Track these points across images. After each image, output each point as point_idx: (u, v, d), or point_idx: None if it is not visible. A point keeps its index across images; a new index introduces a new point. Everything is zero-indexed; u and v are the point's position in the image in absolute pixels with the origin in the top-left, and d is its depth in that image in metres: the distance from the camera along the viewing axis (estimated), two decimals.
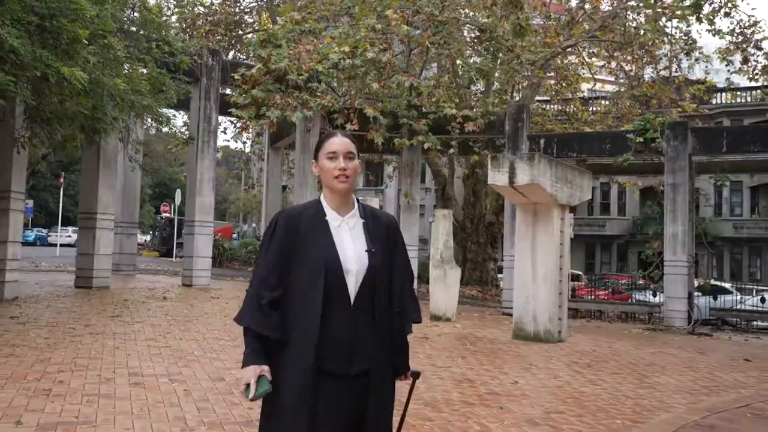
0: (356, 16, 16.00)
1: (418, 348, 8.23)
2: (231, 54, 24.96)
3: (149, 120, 13.29)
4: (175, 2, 21.37)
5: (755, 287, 24.65)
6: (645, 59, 19.53)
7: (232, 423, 4.53)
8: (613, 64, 22.08)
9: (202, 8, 23.19)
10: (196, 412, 4.77)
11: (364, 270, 2.20)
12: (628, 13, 16.81)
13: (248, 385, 2.07)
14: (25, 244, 21.54)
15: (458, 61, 16.07)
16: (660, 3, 18.51)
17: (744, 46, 17.61)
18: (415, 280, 11.93)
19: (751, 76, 17.44)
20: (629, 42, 17.53)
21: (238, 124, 15.41)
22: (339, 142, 2.27)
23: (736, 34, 17.88)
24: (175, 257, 27.69)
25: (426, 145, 15.38)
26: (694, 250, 17.78)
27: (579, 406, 5.75)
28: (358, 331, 2.17)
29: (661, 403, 6.08)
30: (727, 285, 23.59)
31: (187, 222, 15.36)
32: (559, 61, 21.63)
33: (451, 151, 16.70)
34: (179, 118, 28.91)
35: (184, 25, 22.30)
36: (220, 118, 17.73)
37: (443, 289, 11.43)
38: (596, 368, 7.67)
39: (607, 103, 26.84)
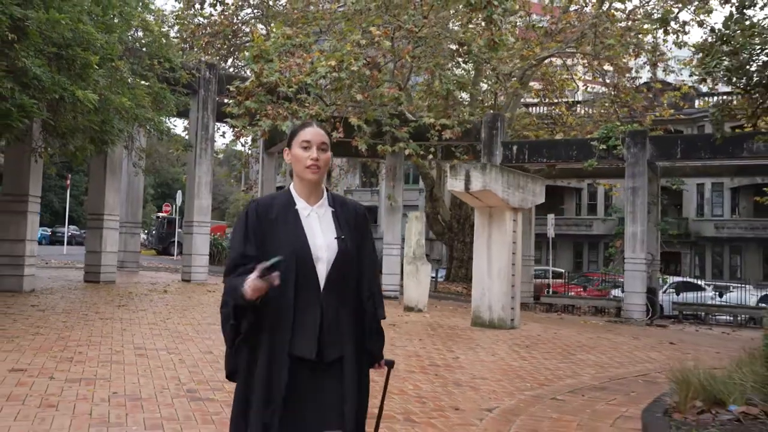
0: (343, 31, 17.24)
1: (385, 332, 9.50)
2: (230, 61, 26.29)
3: (151, 130, 14.51)
4: (175, 16, 22.75)
5: (730, 284, 25.97)
6: (615, 69, 20.75)
7: (216, 381, 5.81)
8: (591, 73, 23.34)
9: (202, 19, 24.55)
10: (188, 374, 6.06)
11: (334, 257, 2.23)
12: (597, 29, 18.02)
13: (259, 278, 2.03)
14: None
15: (436, 74, 17.34)
16: (628, 18, 19.79)
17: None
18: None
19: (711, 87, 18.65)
20: (597, 55, 18.79)
21: (233, 132, 16.68)
22: (313, 132, 2.30)
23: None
24: (176, 255, 28.99)
25: (407, 151, 16.65)
26: (659, 248, 19.05)
27: (502, 375, 7.04)
28: (329, 318, 2.20)
29: (574, 373, 7.37)
30: (701, 282, 24.91)
31: (186, 222, 16.67)
32: (544, 68, 22.90)
33: (430, 156, 17.95)
34: (180, 125, 30.27)
35: (185, 35, 23.65)
36: (221, 122, 18.99)
37: (415, 283, 12.72)
38: (532, 348, 8.96)
39: (589, 109, 28.10)
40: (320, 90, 16.83)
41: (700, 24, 18.91)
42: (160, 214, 36.40)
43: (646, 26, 18.62)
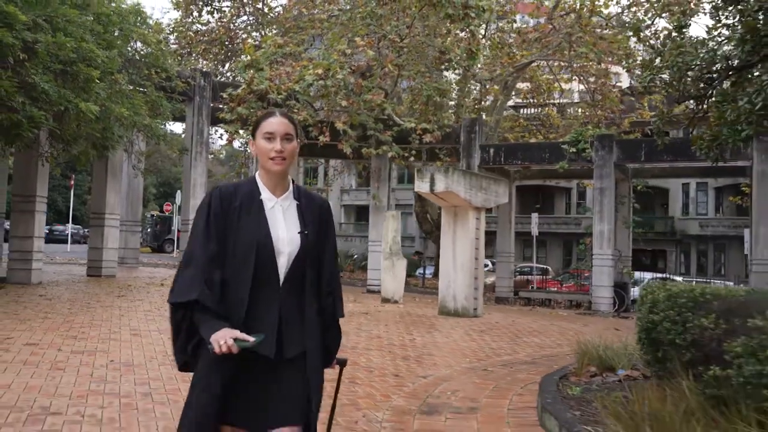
0: (330, 41, 18.31)
1: (355, 320, 10.60)
2: (227, 65, 27.41)
3: (149, 135, 15.58)
4: (174, 24, 23.87)
5: (711, 281, 26.97)
6: (593, 74, 21.77)
7: None
8: (573, 77, 24.37)
9: (200, 26, 25.67)
10: None
11: (296, 251, 2.19)
12: (571, 38, 19.06)
13: (234, 340, 2.00)
14: None
15: (416, 81, 18.38)
16: (607, 26, 20.83)
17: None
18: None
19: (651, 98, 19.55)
20: (571, 63, 19.85)
21: (226, 136, 17.77)
22: (277, 123, 2.24)
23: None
24: (175, 252, 30.11)
25: (390, 154, 17.73)
26: (630, 246, 20.11)
27: (448, 352, 8.12)
28: (288, 314, 2.17)
29: (513, 351, 8.45)
30: (678, 278, 25.95)
31: (183, 221, 17.76)
32: (531, 71, 23.89)
33: (411, 159, 19.02)
34: (179, 128, 31.32)
35: (183, 42, 24.77)
36: (216, 126, 20.03)
37: (392, 276, 13.79)
38: (485, 333, 10.04)
39: (576, 110, 29.09)
40: (308, 96, 17.88)
41: (679, 30, 19.88)
42: (154, 213, 37.48)
43: (619, 37, 19.62)
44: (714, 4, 9.88)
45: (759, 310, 3.90)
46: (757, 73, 9.05)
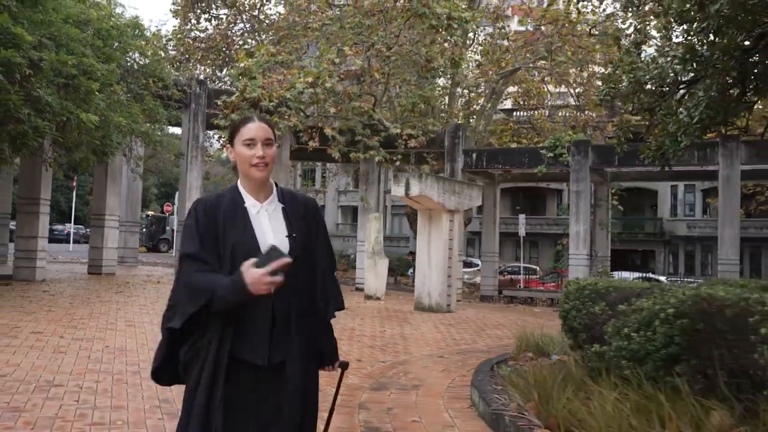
0: (320, 51, 19.17)
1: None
2: (225, 71, 28.29)
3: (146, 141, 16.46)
4: (172, 32, 24.76)
5: (696, 280, 27.80)
6: (576, 80, 22.63)
7: None
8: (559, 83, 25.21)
9: (199, 33, 26.57)
10: None
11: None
12: (551, 47, 19.90)
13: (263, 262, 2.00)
14: None
15: (402, 88, 19.23)
16: (589, 35, 21.64)
17: None
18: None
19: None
20: (552, 72, 20.70)
21: (220, 142, 18.65)
22: (256, 128, 2.20)
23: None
24: (173, 251, 31.01)
25: (377, 158, 18.59)
26: (609, 246, 20.96)
27: (413, 341, 8.97)
28: (278, 320, 2.14)
29: (473, 341, 9.30)
30: (662, 278, 26.83)
31: (179, 221, 18.64)
32: (521, 75, 24.70)
33: (397, 163, 19.86)
34: (179, 130, 32.22)
35: (182, 49, 25.66)
36: (212, 130, 20.90)
37: (374, 274, 14.64)
38: (453, 326, 10.90)
39: (564, 113, 29.91)
40: (299, 104, 18.75)
41: (636, 46, 20.74)
42: (149, 213, 38.33)
43: (597, 46, 20.44)
44: (664, 24, 10.76)
45: (637, 297, 4.77)
46: (693, 90, 9.92)
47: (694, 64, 9.56)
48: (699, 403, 3.60)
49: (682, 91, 10.72)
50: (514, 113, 31.68)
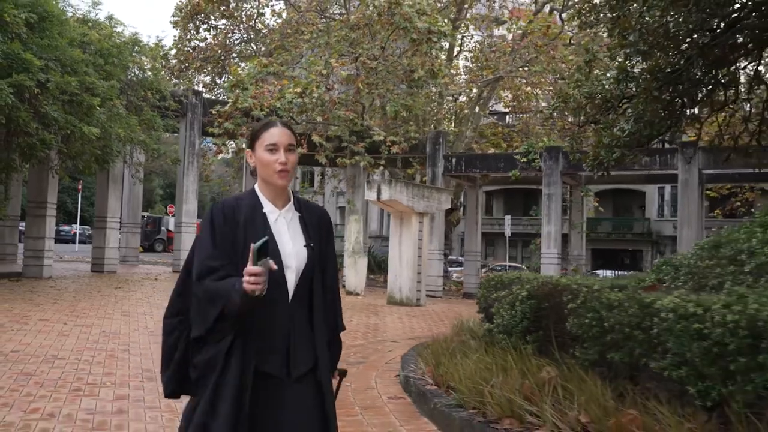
0: (309, 63, 20.41)
1: None
2: (223, 78, 29.56)
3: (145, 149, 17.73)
4: (173, 43, 26.07)
5: None
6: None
7: None
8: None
9: (199, 42, 27.88)
10: (153, 324, 9.24)
11: (303, 266, 2.13)
12: (527, 58, 21.11)
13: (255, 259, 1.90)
14: None
15: (385, 98, 20.46)
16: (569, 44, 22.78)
17: None
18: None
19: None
20: (529, 80, 21.88)
21: (214, 149, 19.92)
22: (279, 134, 2.16)
23: None
24: (170, 250, 32.35)
25: (362, 163, 19.82)
26: (584, 246, 22.12)
27: (373, 329, 10.17)
28: (296, 330, 2.11)
29: (429, 330, 10.49)
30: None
31: (176, 223, 19.94)
32: (510, 80, 25.82)
33: (381, 168, 21.12)
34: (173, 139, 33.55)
35: (182, 58, 26.97)
36: (209, 137, 22.16)
37: (354, 272, 15.87)
38: (417, 318, 12.10)
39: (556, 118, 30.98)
40: (288, 113, 20.01)
41: (587, 64, 21.86)
42: (145, 214, 39.71)
43: (570, 57, 21.60)
44: (609, 45, 11.97)
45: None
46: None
47: (627, 84, 10.77)
48: (539, 361, 4.81)
49: (625, 106, 11.93)
50: (507, 117, 32.83)
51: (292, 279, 2.12)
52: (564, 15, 22.15)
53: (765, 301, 3.60)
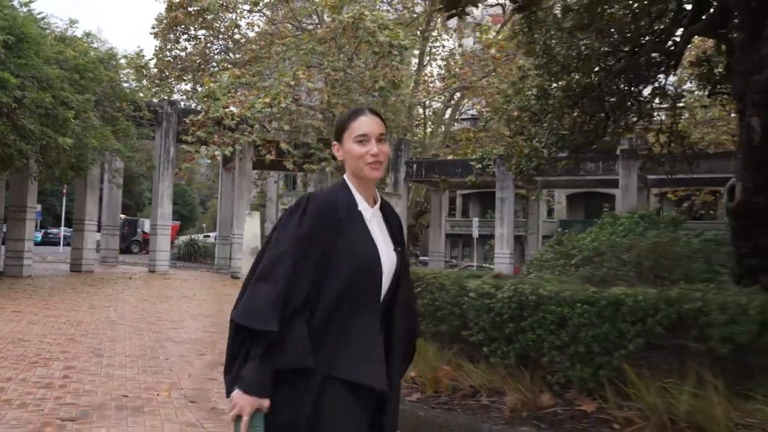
0: (278, 74, 21.63)
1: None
2: (200, 87, 30.68)
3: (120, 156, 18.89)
4: (154, 52, 27.22)
5: None
6: None
7: (127, 319, 10.16)
8: None
9: (179, 52, 29.00)
10: (116, 316, 10.43)
11: (393, 270, 1.98)
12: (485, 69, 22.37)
13: (238, 417, 1.78)
14: (36, 244, 27.58)
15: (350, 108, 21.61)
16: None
17: None
18: None
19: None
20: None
21: (186, 157, 21.14)
22: (369, 123, 1.98)
23: None
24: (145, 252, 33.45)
25: (328, 169, 21.05)
26: (539, 246, 23.36)
27: None
28: (392, 342, 1.98)
29: None
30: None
31: (152, 226, 21.12)
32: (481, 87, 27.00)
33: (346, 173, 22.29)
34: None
35: (162, 68, 28.10)
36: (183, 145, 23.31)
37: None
38: None
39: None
40: (257, 122, 21.22)
41: (521, 80, 23.14)
42: (122, 216, 40.80)
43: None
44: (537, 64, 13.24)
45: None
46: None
47: (547, 100, 12.07)
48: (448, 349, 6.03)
49: (545, 120, 13.19)
50: (478, 123, 34.08)
51: (385, 285, 1.96)
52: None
53: (536, 282, 4.85)
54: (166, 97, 22.88)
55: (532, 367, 4.75)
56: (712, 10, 7.69)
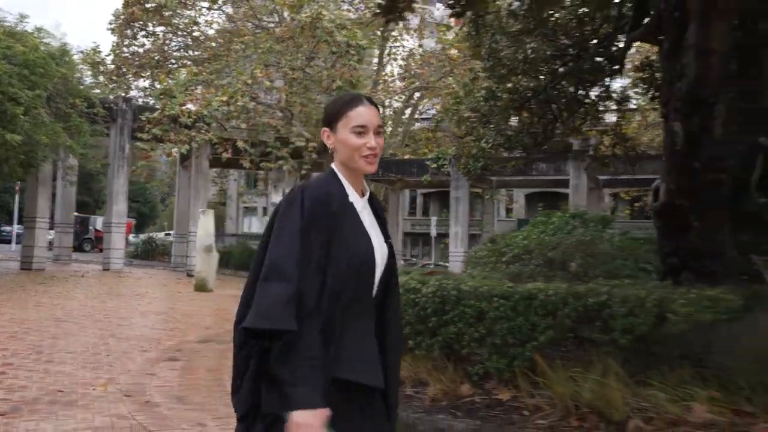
0: (235, 72, 21.61)
1: (178, 290, 13.90)
2: (158, 84, 30.37)
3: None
4: (111, 48, 26.91)
5: None
6: None
7: (75, 316, 10.14)
8: None
9: (137, 48, 28.68)
10: (62, 313, 10.38)
11: (384, 263, 1.91)
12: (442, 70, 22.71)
13: None
14: None
15: (308, 106, 21.80)
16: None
17: None
18: None
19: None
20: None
21: (141, 154, 20.98)
22: (368, 114, 1.88)
23: None
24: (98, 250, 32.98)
25: (285, 167, 21.11)
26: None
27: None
28: (380, 337, 1.91)
29: None
30: None
31: (105, 223, 20.91)
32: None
33: (303, 172, 22.43)
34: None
35: (119, 64, 27.76)
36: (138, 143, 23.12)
37: (206, 264, 16.46)
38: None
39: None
40: (214, 120, 21.17)
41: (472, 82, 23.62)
42: (75, 214, 40.15)
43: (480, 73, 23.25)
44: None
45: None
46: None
47: (495, 102, 12.35)
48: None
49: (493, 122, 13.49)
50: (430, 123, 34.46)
51: (377, 279, 1.90)
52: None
53: (459, 278, 5.08)
54: (123, 94, 22.59)
55: (455, 359, 4.98)
56: (649, 17, 8.04)
